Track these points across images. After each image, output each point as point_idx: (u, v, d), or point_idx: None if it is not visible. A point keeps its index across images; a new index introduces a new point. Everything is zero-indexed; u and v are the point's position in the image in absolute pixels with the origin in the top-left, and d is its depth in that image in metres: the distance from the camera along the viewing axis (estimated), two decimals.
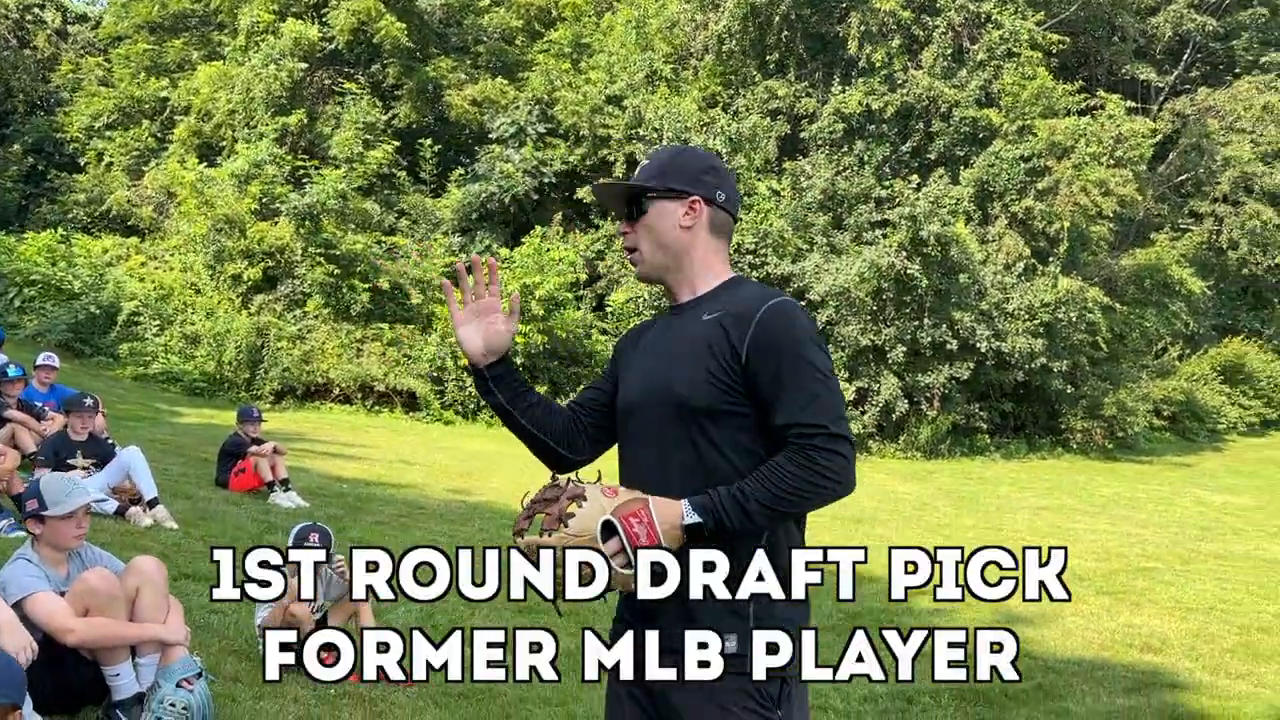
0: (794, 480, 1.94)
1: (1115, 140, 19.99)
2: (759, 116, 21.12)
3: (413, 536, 8.24)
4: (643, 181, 2.18)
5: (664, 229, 2.16)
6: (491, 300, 2.27)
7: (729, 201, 2.20)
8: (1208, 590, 9.07)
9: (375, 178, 22.17)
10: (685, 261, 2.17)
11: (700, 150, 2.26)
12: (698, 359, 2.06)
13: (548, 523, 1.96)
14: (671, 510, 1.97)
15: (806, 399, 1.98)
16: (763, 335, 2.01)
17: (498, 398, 2.27)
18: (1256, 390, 25.05)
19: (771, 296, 2.08)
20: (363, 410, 18.29)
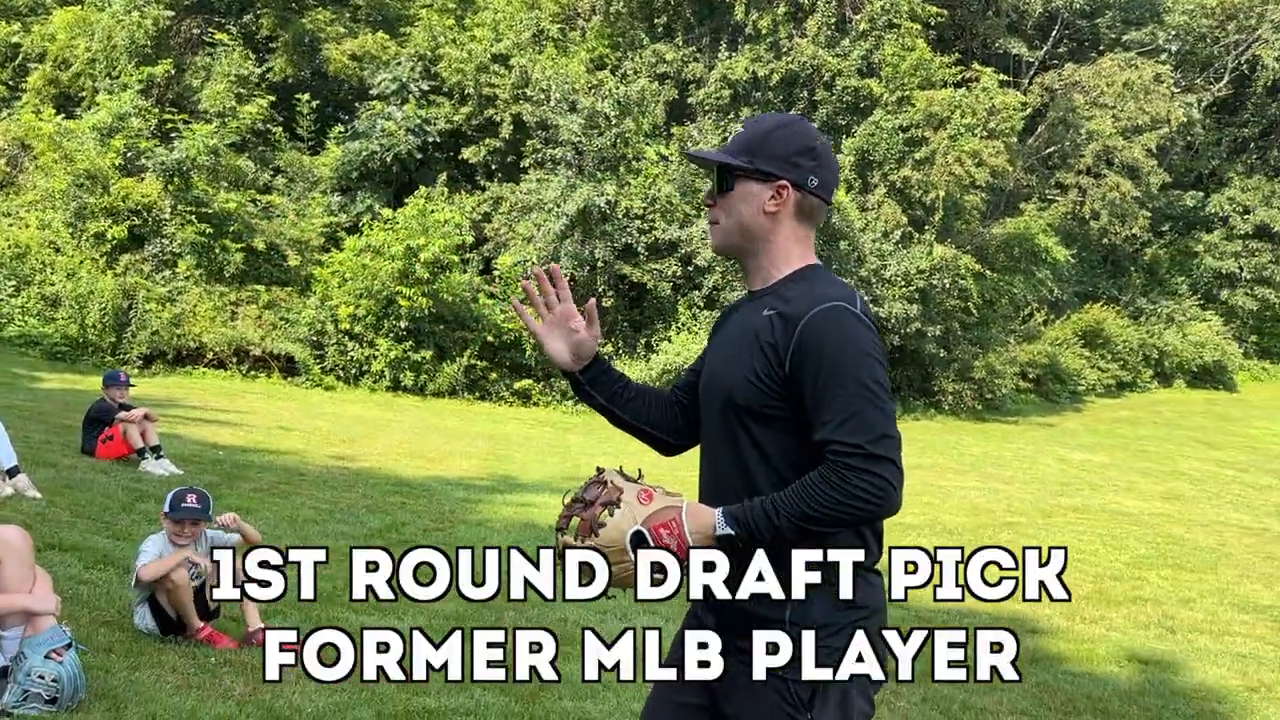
0: (826, 500, 1.87)
1: (989, 112, 20.69)
2: (647, 80, 21.09)
3: (293, 504, 8.05)
4: (733, 156, 2.07)
5: (747, 211, 2.06)
6: (567, 307, 2.26)
7: (823, 187, 2.07)
8: (1066, 541, 9.60)
9: (249, 134, 21.31)
10: (763, 247, 2.08)
11: (803, 126, 2.11)
12: (748, 356, 2.01)
13: (581, 529, 1.96)
14: (704, 519, 1.95)
15: (845, 414, 1.88)
16: (806, 342, 1.93)
17: (597, 400, 2.26)
18: (1113, 354, 26.46)
19: (825, 299, 1.96)
20: (238, 375, 17.72)
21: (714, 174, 2.10)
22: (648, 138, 20.93)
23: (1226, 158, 31.88)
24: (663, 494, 2.00)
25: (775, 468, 2.00)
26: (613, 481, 2.01)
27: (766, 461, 2.00)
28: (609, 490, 1.99)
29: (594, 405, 2.29)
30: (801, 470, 1.94)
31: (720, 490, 2.06)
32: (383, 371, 17.98)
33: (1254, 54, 28.94)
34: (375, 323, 17.96)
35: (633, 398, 2.28)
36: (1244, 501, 13.86)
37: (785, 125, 2.08)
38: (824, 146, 2.09)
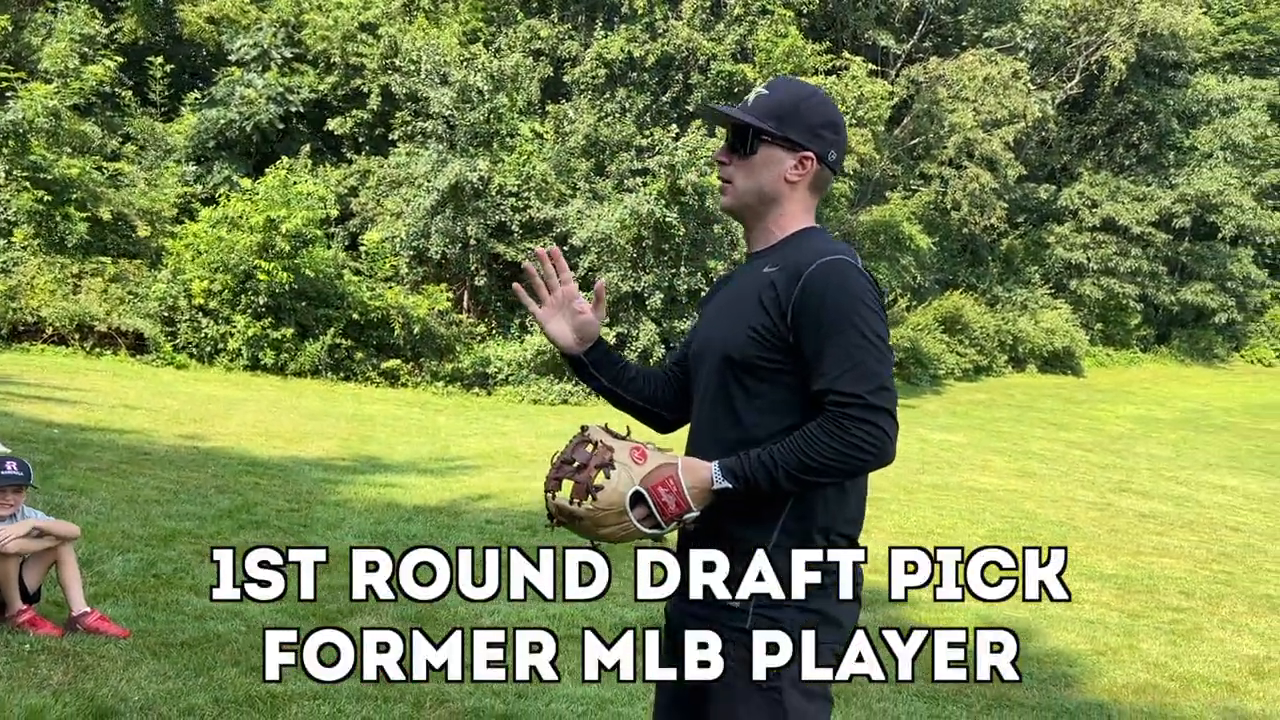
0: (825, 450, 1.87)
1: (857, 101, 21.10)
2: (521, 55, 20.72)
3: (134, 484, 7.55)
4: (760, 121, 2.05)
5: (768, 177, 2.07)
6: (569, 289, 2.25)
7: (837, 161, 2.11)
8: (927, 518, 9.87)
9: (94, 96, 20.01)
10: (774, 212, 2.09)
11: (825, 98, 2.11)
12: (747, 312, 2.00)
13: (576, 492, 1.91)
14: (701, 474, 1.92)
15: (846, 364, 1.88)
16: (808, 293, 1.93)
17: (601, 381, 2.26)
18: (971, 340, 27.47)
19: (827, 253, 1.97)
20: (81, 352, 16.63)
21: (730, 132, 2.10)
22: (522, 114, 20.59)
23: (1077, 153, 33.48)
24: (655, 451, 1.97)
25: (771, 421, 1.98)
26: (601, 441, 1.96)
27: (762, 415, 1.99)
28: (600, 450, 1.94)
29: (597, 387, 2.29)
30: (798, 423, 1.94)
31: (714, 449, 2.01)
32: (240, 349, 17.17)
33: (1103, 55, 30.42)
34: (232, 298, 17.13)
35: (634, 377, 2.29)
36: (1089, 479, 14.54)
37: (813, 96, 2.10)
38: (842, 121, 2.13)
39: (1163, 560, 8.84)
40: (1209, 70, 34.70)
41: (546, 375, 18.58)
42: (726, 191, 2.13)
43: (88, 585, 5.06)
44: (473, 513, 8.17)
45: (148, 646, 4.27)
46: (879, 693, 4.73)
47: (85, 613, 4.37)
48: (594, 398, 18.93)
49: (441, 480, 9.60)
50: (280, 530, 6.89)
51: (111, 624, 4.38)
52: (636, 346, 19.53)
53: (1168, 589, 7.67)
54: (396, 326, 18.18)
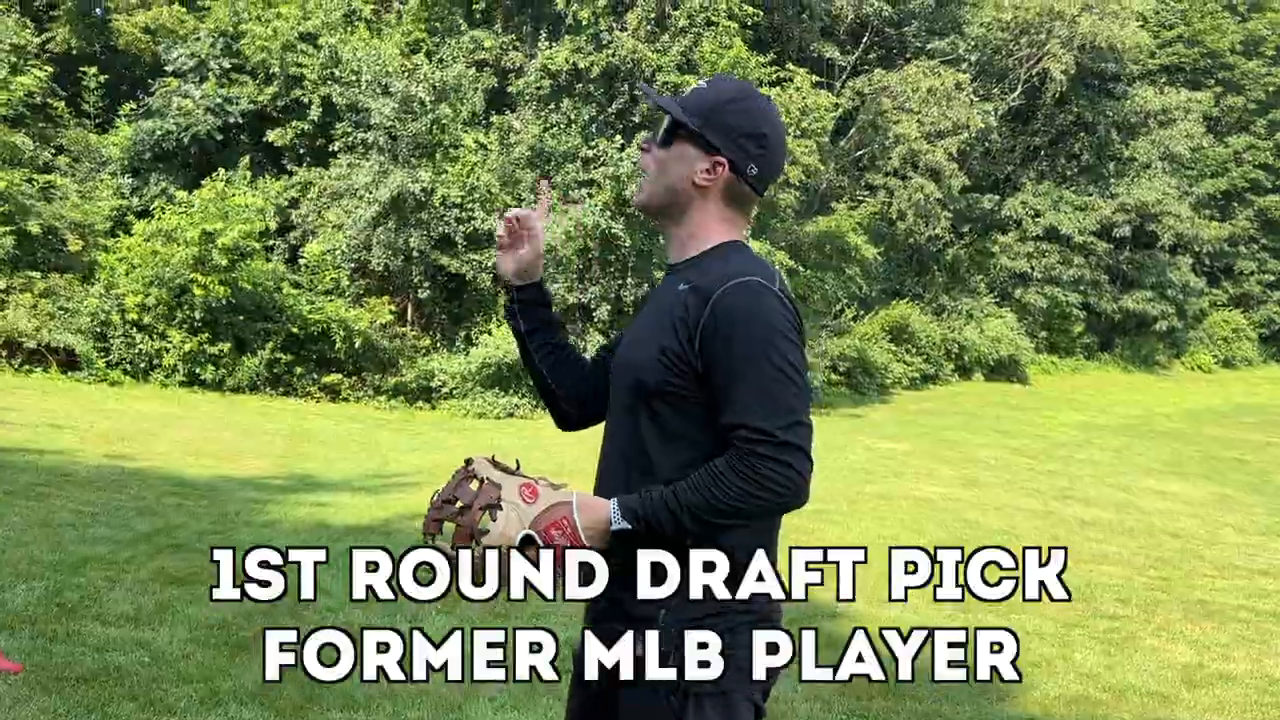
0: (733, 490, 1.75)
1: (801, 112, 21.20)
2: (464, 66, 20.55)
3: (49, 507, 7.27)
4: (683, 114, 1.92)
5: (676, 174, 1.93)
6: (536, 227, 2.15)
7: (759, 178, 1.94)
8: (869, 528, 9.84)
9: (25, 107, 19.50)
10: (684, 217, 1.95)
11: (764, 107, 1.95)
12: (659, 333, 1.87)
13: (460, 536, 1.77)
14: (599, 513, 1.81)
15: (757, 397, 1.76)
16: (718, 319, 1.79)
17: (517, 322, 2.16)
18: (918, 348, 27.69)
19: (740, 274, 1.82)
20: (9, 370, 16.14)
21: (664, 121, 1.98)
22: (466, 125, 20.41)
23: (1020, 164, 33.97)
24: (547, 488, 1.83)
25: (677, 452, 1.86)
26: (488, 478, 1.82)
27: (668, 445, 1.87)
28: (486, 489, 1.80)
29: (513, 329, 2.19)
30: (706, 457, 1.82)
31: (617, 475, 1.92)
32: (176, 365, 16.78)
33: (1044, 67, 30.90)
34: (167, 313, 16.74)
35: (555, 345, 2.16)
36: (1033, 486, 14.64)
37: (745, 99, 1.94)
38: (776, 136, 1.96)
39: (1101, 568, 8.87)
40: (1147, 82, 35.40)
41: (492, 388, 18.38)
42: (641, 186, 2.01)
43: None
44: (405, 531, 7.98)
45: (39, 682, 4.05)
46: (807, 712, 4.63)
47: None
48: (542, 412, 18.76)
49: (376, 498, 9.39)
50: (200, 553, 6.65)
51: (2, 658, 4.16)
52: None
53: (1104, 597, 7.68)
54: (338, 340, 17.88)
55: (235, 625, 5.14)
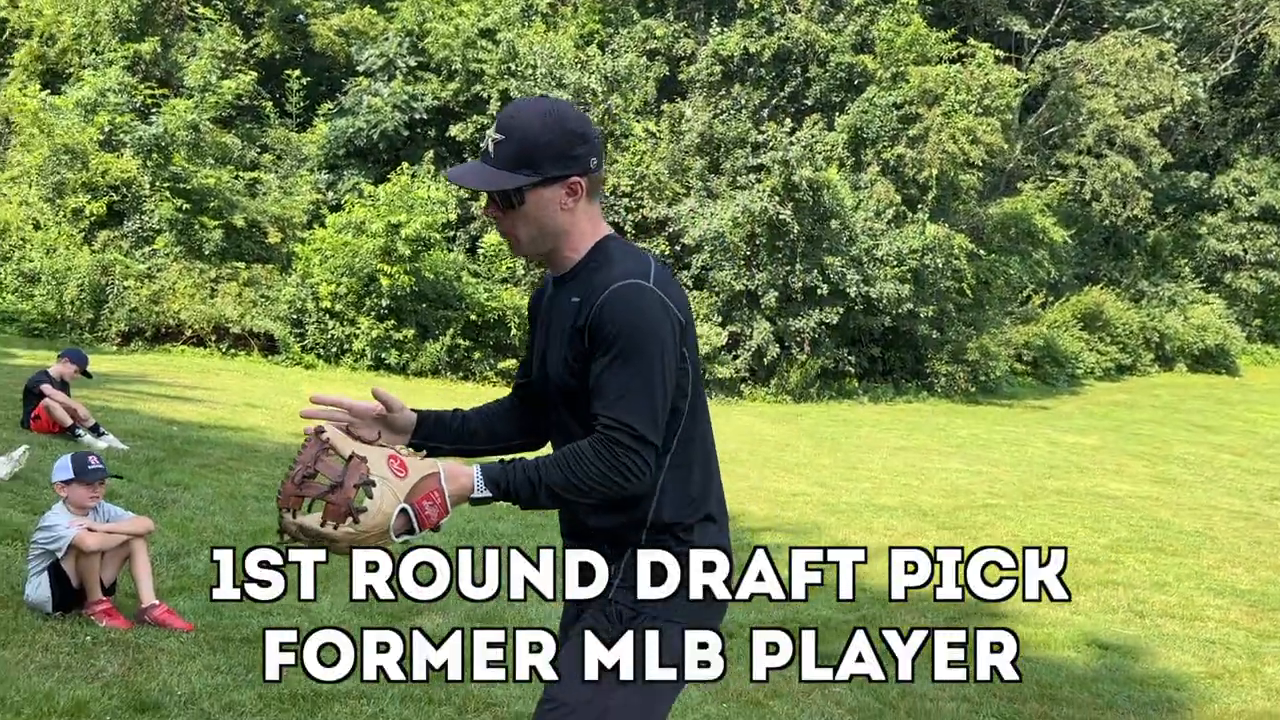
0: (593, 471, 1.93)
1: (983, 89, 20.28)
2: (636, 56, 20.72)
3: (237, 480, 7.81)
4: (513, 170, 1.98)
5: (545, 217, 2.03)
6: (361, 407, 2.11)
7: (599, 164, 2.08)
8: (1045, 524, 9.32)
9: (235, 110, 21.00)
10: (564, 240, 2.07)
11: (562, 112, 2.04)
12: (562, 346, 2.04)
13: (332, 514, 1.74)
14: (462, 481, 1.93)
15: (623, 393, 1.93)
16: (601, 321, 1.95)
17: (445, 450, 2.20)
18: (1113, 337, 26.06)
19: (620, 277, 1.97)
20: (217, 353, 17.47)
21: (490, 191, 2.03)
22: (637, 114, 20.58)
23: (1233, 138, 31.35)
24: (414, 459, 1.88)
25: None
26: (355, 453, 1.79)
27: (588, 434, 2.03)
28: (355, 464, 1.77)
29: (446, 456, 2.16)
30: None
31: None
32: (364, 350, 17.72)
33: (1261, 33, 28.40)
34: (356, 301, 17.69)
35: (475, 429, 2.24)
36: (1237, 486, 13.52)
37: (548, 116, 2.01)
38: (584, 121, 2.06)
39: None
40: None
41: None
42: (515, 245, 2.09)
43: (170, 578, 5.22)
44: None
45: (207, 641, 4.34)
46: (954, 712, 4.43)
47: (152, 605, 4.49)
48: (708, 397, 18.76)
49: None
50: None
51: (176, 618, 4.49)
52: (750, 345, 19.27)
53: None
54: (513, 327, 18.42)
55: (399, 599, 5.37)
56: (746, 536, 7.86)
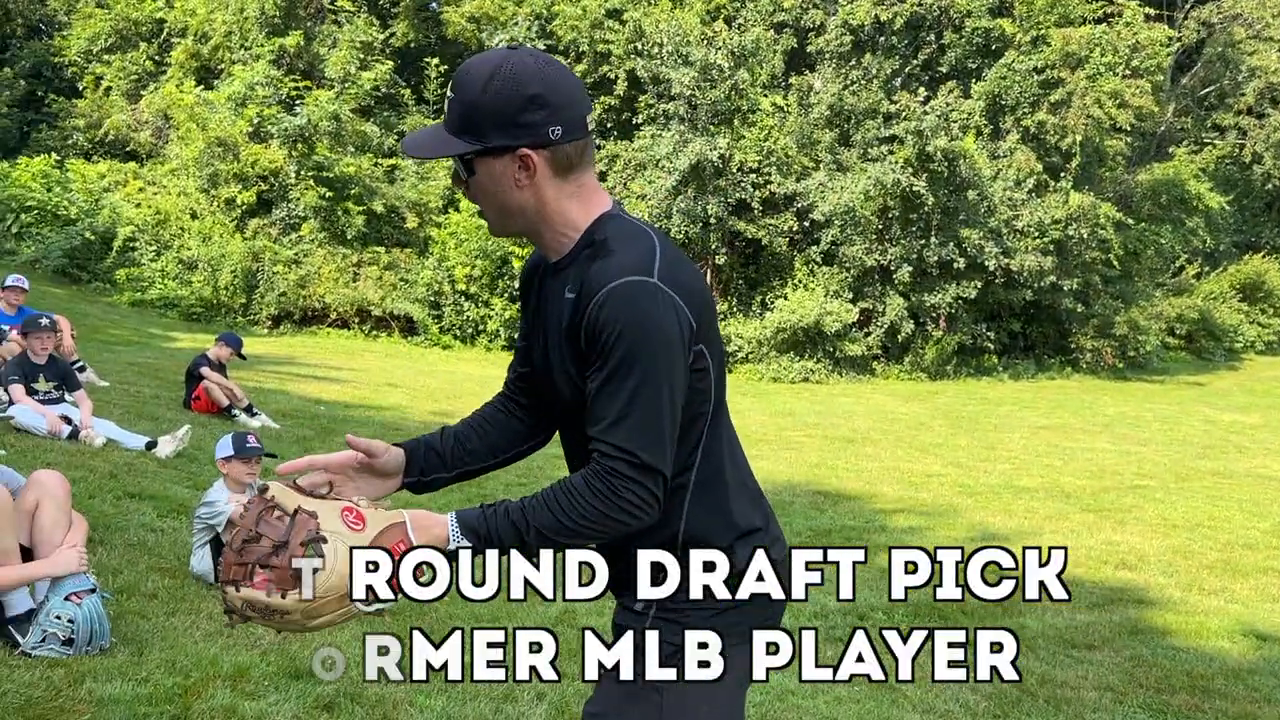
0: (588, 510, 1.65)
1: (1132, 49, 19.24)
2: (763, 29, 20.46)
3: None
4: (455, 139, 1.71)
5: (500, 192, 1.73)
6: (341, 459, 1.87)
7: (569, 129, 1.70)
8: (1198, 508, 8.86)
9: (374, 99, 21.73)
10: (537, 221, 1.76)
11: (512, 72, 1.68)
12: (562, 348, 1.76)
13: (281, 581, 1.50)
14: (435, 532, 1.66)
15: (619, 415, 1.64)
16: (597, 325, 1.65)
17: (446, 480, 1.96)
18: (1276, 308, 24.51)
19: (621, 273, 1.66)
20: (360, 335, 18.20)
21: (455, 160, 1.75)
22: (764, 88, 20.35)
23: None
24: (372, 510, 1.63)
25: None
26: (300, 507, 1.56)
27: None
28: (301, 520, 1.54)
29: (447, 484, 1.98)
30: None
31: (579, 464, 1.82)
32: (498, 331, 18.17)
33: None
34: (490, 283, 18.14)
35: (473, 447, 1.96)
36: None
37: (494, 78, 1.67)
38: (551, 81, 1.69)
39: None
40: None
41: (787, 353, 18.34)
42: (487, 222, 1.83)
43: None
44: None
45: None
46: (1095, 701, 4.29)
47: None
48: (839, 376, 18.50)
49: None
50: None
51: None
52: (883, 321, 18.89)
53: None
54: None
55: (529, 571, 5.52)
56: (879, 519, 7.75)
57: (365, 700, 3.64)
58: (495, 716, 3.65)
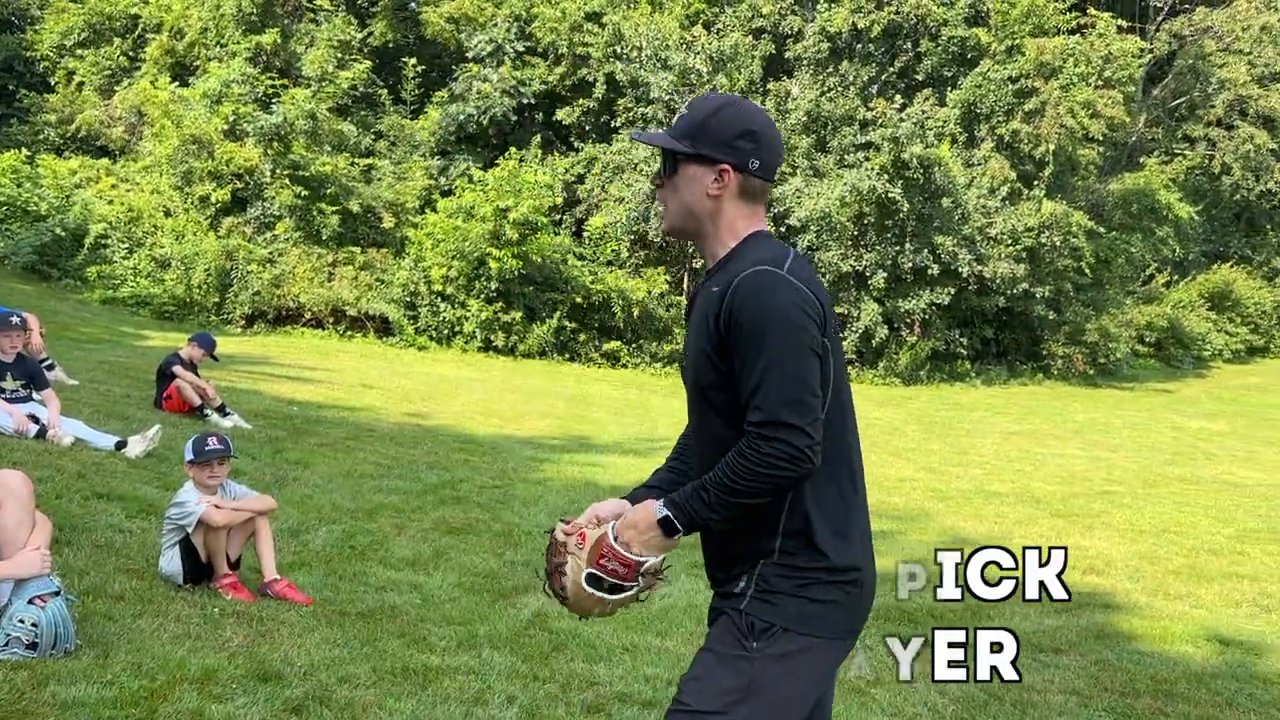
0: (744, 471, 1.93)
1: (1104, 60, 19.47)
2: (742, 35, 20.55)
3: (354, 459, 8.09)
4: (676, 140, 2.10)
5: (690, 195, 2.10)
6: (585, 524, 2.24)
7: (764, 168, 2.10)
8: (1165, 513, 8.98)
9: (351, 98, 21.62)
10: (710, 228, 2.12)
11: (744, 107, 2.12)
12: (701, 335, 2.06)
13: (557, 586, 2.17)
14: (640, 515, 2.03)
15: (758, 382, 1.92)
16: (733, 309, 1.96)
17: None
18: (1244, 317, 24.85)
19: (753, 263, 1.99)
20: (335, 335, 18.09)
21: (662, 156, 2.15)
22: (743, 94, 20.40)
23: None
24: (593, 529, 2.15)
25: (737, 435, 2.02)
26: (556, 539, 2.20)
27: (731, 424, 2.02)
28: (555, 552, 2.18)
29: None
30: None
31: (706, 464, 2.08)
32: (474, 332, 18.11)
33: None
34: (467, 284, 18.09)
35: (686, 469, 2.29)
36: None
37: (725, 108, 2.10)
38: (765, 127, 2.11)
39: None
40: None
41: None
42: (664, 215, 2.18)
43: (290, 553, 5.46)
44: None
45: (325, 615, 4.54)
46: (1061, 705, 4.33)
47: (274, 580, 4.71)
48: None
49: (643, 460, 9.69)
50: (478, 506, 7.17)
51: (297, 592, 4.71)
52: (857, 327, 19.00)
53: None
54: (617, 309, 18.57)
55: (501, 575, 5.51)
56: None
57: (334, 703, 3.62)
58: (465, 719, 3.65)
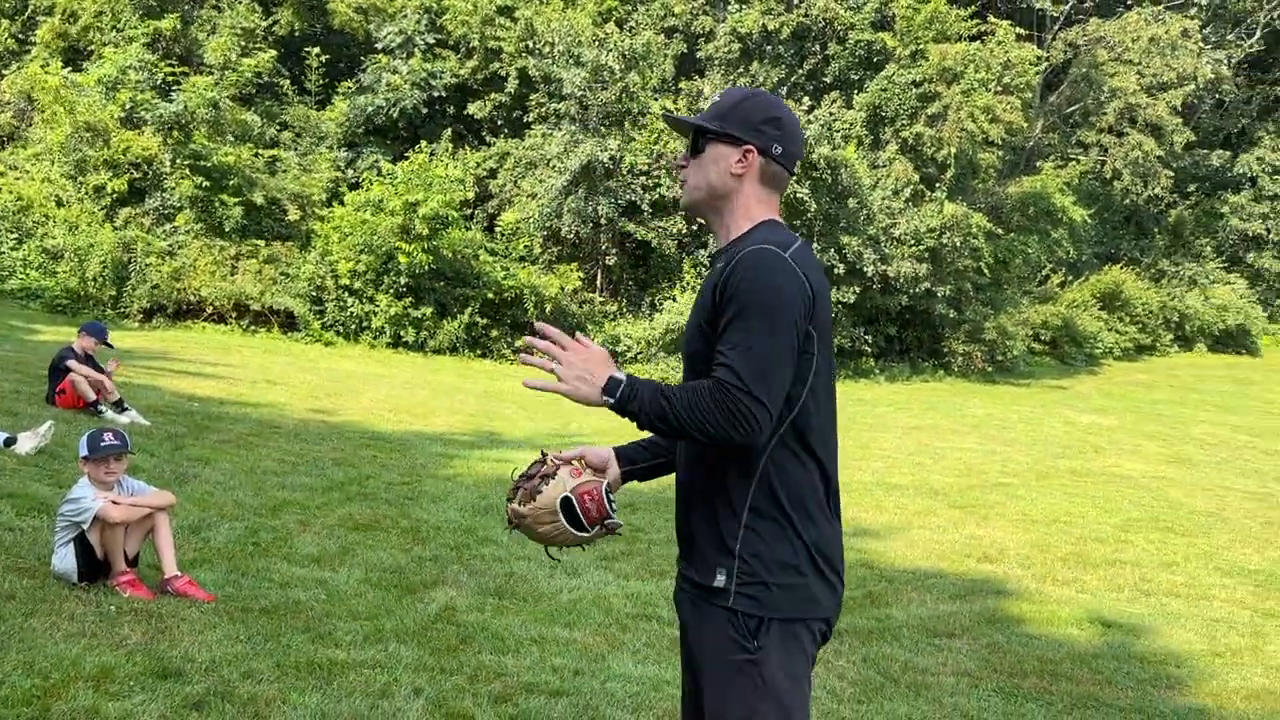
0: (710, 415, 1.95)
1: (1003, 67, 20.13)
2: (654, 33, 20.67)
3: (256, 455, 7.94)
4: (705, 121, 2.20)
5: (715, 172, 2.18)
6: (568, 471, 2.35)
7: (785, 155, 2.20)
8: (1056, 504, 9.36)
9: (255, 88, 21.10)
10: (727, 206, 2.20)
11: (771, 98, 2.24)
12: (699, 309, 2.13)
13: (522, 496, 2.29)
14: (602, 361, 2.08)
15: (743, 347, 1.97)
16: (733, 277, 2.02)
17: (658, 465, 2.45)
18: (1133, 317, 25.93)
19: (761, 242, 2.06)
20: (238, 330, 17.65)
21: (688, 138, 2.25)
22: (655, 92, 20.55)
23: (1257, 117, 31.01)
24: (590, 471, 2.37)
25: None
26: (552, 459, 2.34)
27: None
28: (548, 466, 2.32)
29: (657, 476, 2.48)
30: None
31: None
32: (383, 328, 17.87)
33: None
34: (375, 279, 17.83)
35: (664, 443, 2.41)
36: (1253, 467, 13.50)
37: (754, 96, 2.22)
38: (790, 119, 2.21)
39: None
40: None
41: (675, 353, 18.56)
42: (685, 191, 2.25)
43: (191, 551, 5.36)
44: None
45: (227, 611, 4.47)
46: (953, 686, 4.52)
47: (175, 576, 4.62)
48: None
49: None
50: (386, 502, 7.12)
51: (198, 589, 4.62)
52: None
53: None
54: (530, 305, 18.53)
55: (409, 570, 5.49)
56: None
57: (236, 699, 3.58)
58: (371, 713, 3.64)
